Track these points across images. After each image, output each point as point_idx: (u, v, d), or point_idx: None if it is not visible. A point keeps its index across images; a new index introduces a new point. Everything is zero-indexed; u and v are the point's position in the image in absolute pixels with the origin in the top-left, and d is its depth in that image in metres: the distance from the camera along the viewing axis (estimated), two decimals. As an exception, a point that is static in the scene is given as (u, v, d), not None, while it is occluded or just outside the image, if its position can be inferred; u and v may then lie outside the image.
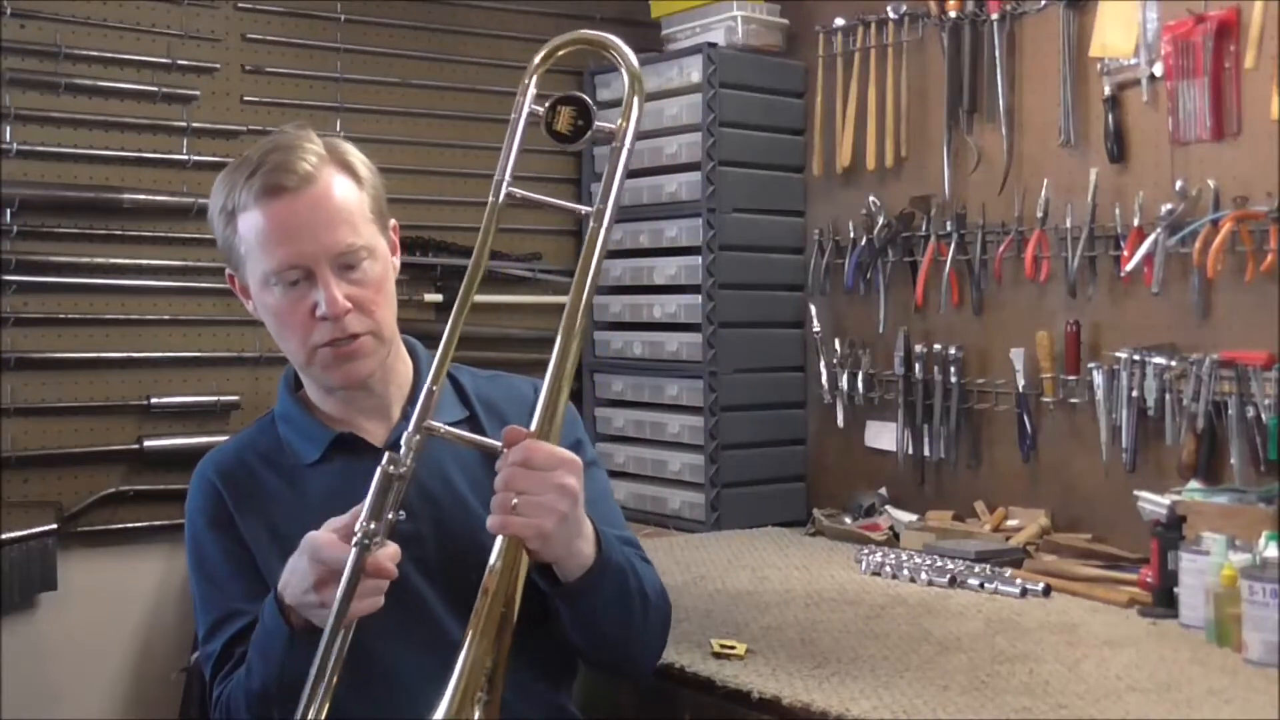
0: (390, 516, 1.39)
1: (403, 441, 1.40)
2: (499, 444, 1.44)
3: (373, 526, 1.35)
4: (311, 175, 1.56)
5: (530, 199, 1.53)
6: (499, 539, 1.41)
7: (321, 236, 1.55)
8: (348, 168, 1.61)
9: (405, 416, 1.65)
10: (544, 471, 1.41)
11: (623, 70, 1.54)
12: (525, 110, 1.51)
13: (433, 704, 1.39)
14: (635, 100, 1.53)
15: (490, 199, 1.48)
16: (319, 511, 1.45)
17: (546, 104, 1.51)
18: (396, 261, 1.67)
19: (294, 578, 1.41)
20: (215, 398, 2.98)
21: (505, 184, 1.49)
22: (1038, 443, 2.72)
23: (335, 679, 1.39)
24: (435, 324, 3.11)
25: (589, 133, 1.51)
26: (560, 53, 1.56)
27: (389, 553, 1.39)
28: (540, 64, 1.54)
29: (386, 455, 1.36)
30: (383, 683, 1.56)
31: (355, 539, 1.35)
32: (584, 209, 1.52)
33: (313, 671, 1.36)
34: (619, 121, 1.53)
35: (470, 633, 1.37)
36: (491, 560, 1.40)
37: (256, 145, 1.60)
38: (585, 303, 1.49)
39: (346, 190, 1.59)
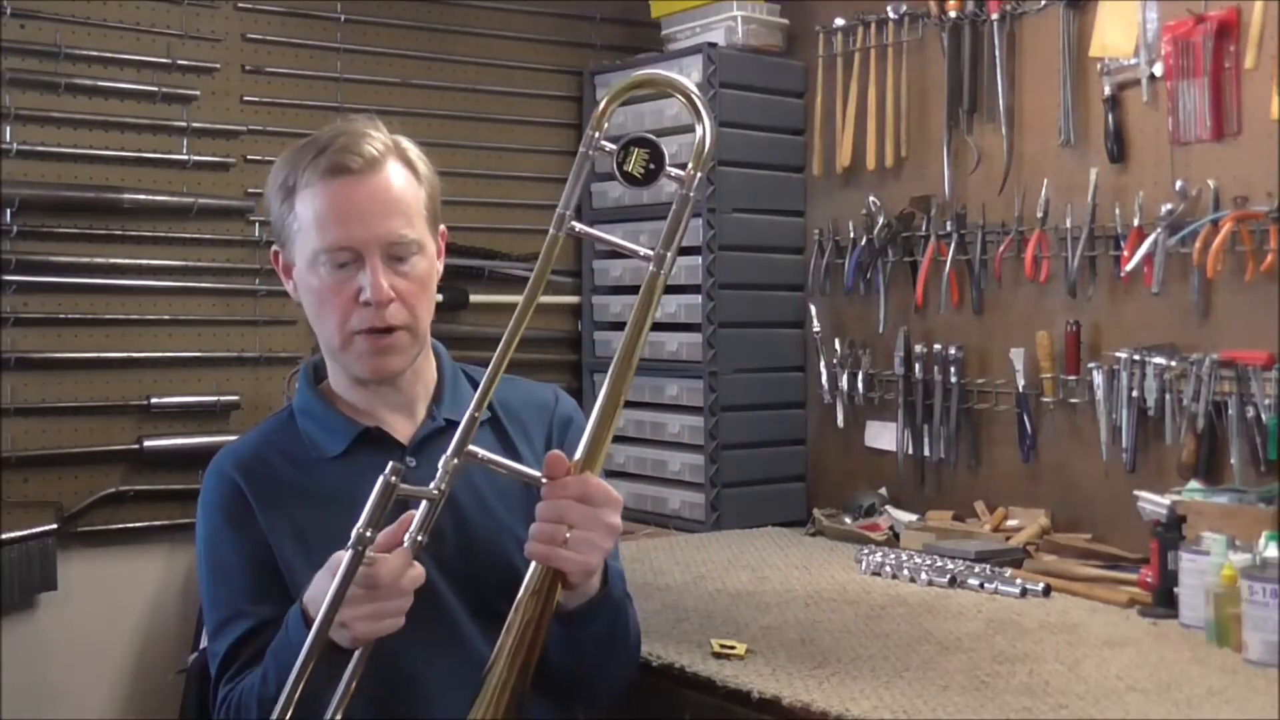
0: (420, 539, 1.39)
1: (440, 465, 1.40)
2: (538, 474, 1.45)
3: (369, 534, 1.33)
4: (377, 161, 1.59)
5: (589, 234, 1.53)
6: (532, 565, 1.42)
7: (377, 223, 1.57)
8: (409, 164, 1.64)
9: (430, 415, 1.67)
10: (597, 508, 1.43)
11: (704, 122, 1.51)
12: (593, 147, 1.49)
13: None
14: (706, 149, 1.51)
15: (551, 231, 1.48)
16: (342, 506, 1.44)
17: (619, 143, 1.49)
18: (440, 266, 1.69)
19: (319, 594, 1.40)
20: (215, 398, 2.98)
21: (568, 217, 1.48)
22: (1038, 443, 2.72)
23: (353, 685, 1.39)
24: (434, 323, 3.11)
25: (659, 176, 1.50)
26: (630, 93, 1.54)
27: (414, 574, 1.38)
28: (613, 101, 1.52)
29: (390, 465, 1.35)
30: (398, 679, 1.56)
31: (350, 541, 1.33)
32: (644, 250, 1.50)
33: (292, 674, 1.34)
34: (689, 167, 1.50)
35: (498, 657, 1.38)
36: (526, 586, 1.42)
37: (324, 129, 1.63)
38: (641, 344, 1.48)
39: (406, 183, 1.61)
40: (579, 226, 1.49)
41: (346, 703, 1.39)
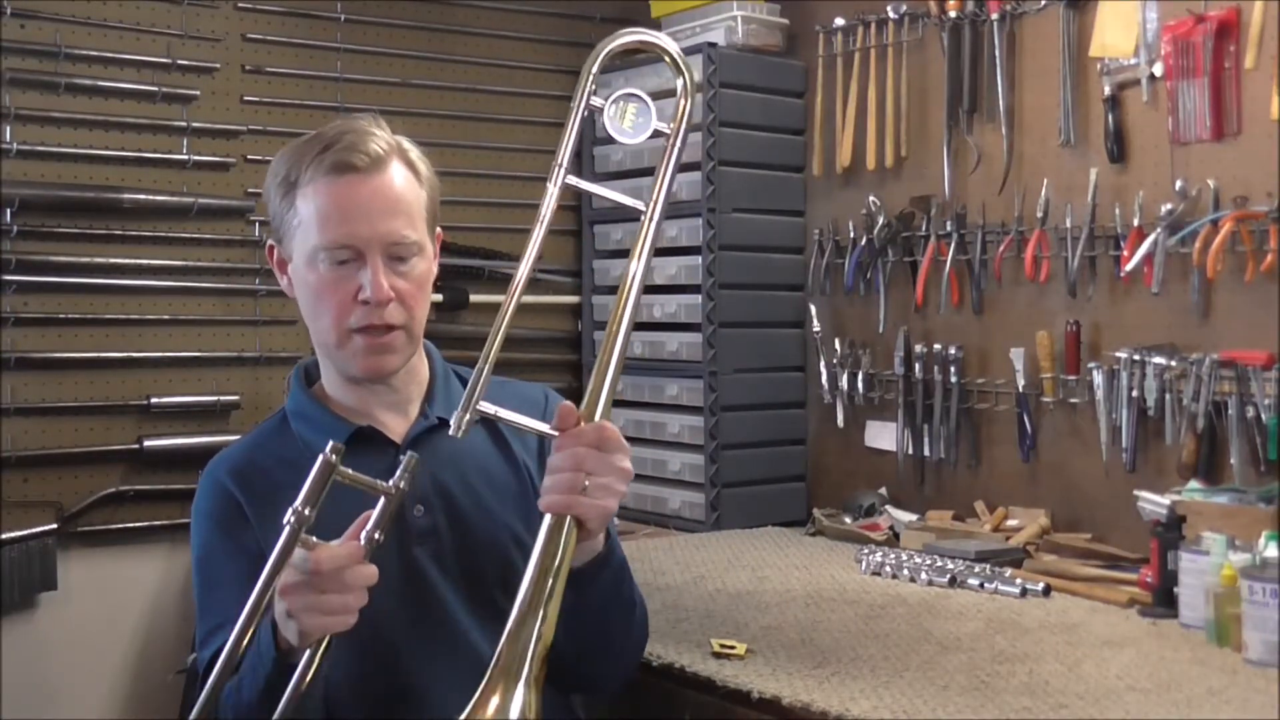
0: (377, 536, 1.37)
1: (402, 462, 1.38)
2: (548, 428, 1.44)
3: (307, 512, 1.31)
4: (381, 160, 1.59)
5: (584, 188, 1.56)
6: (546, 519, 1.40)
7: (380, 222, 1.57)
8: (411, 165, 1.64)
9: (423, 413, 1.67)
10: (611, 454, 1.42)
11: (684, 76, 1.56)
12: (583, 104, 1.51)
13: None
14: (686, 105, 1.55)
15: (549, 186, 1.49)
16: (339, 506, 1.44)
17: (612, 98, 1.52)
18: (434, 268, 1.69)
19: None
20: (215, 398, 2.98)
21: (563, 169, 1.49)
22: (1038, 443, 2.72)
23: (303, 686, 1.37)
24: (434, 324, 3.12)
25: (648, 130, 1.53)
26: (615, 51, 1.56)
27: (364, 571, 1.36)
28: (594, 62, 1.54)
29: (330, 445, 1.34)
30: (397, 678, 1.56)
31: (285, 518, 1.31)
32: (639, 204, 1.53)
33: (228, 645, 1.32)
34: (671, 124, 1.55)
35: (521, 610, 1.35)
36: (543, 542, 1.39)
37: (328, 126, 1.63)
38: (636, 295, 1.49)
39: (409, 184, 1.62)
40: (574, 180, 1.51)
41: (297, 702, 1.37)
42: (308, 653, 1.38)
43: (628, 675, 1.72)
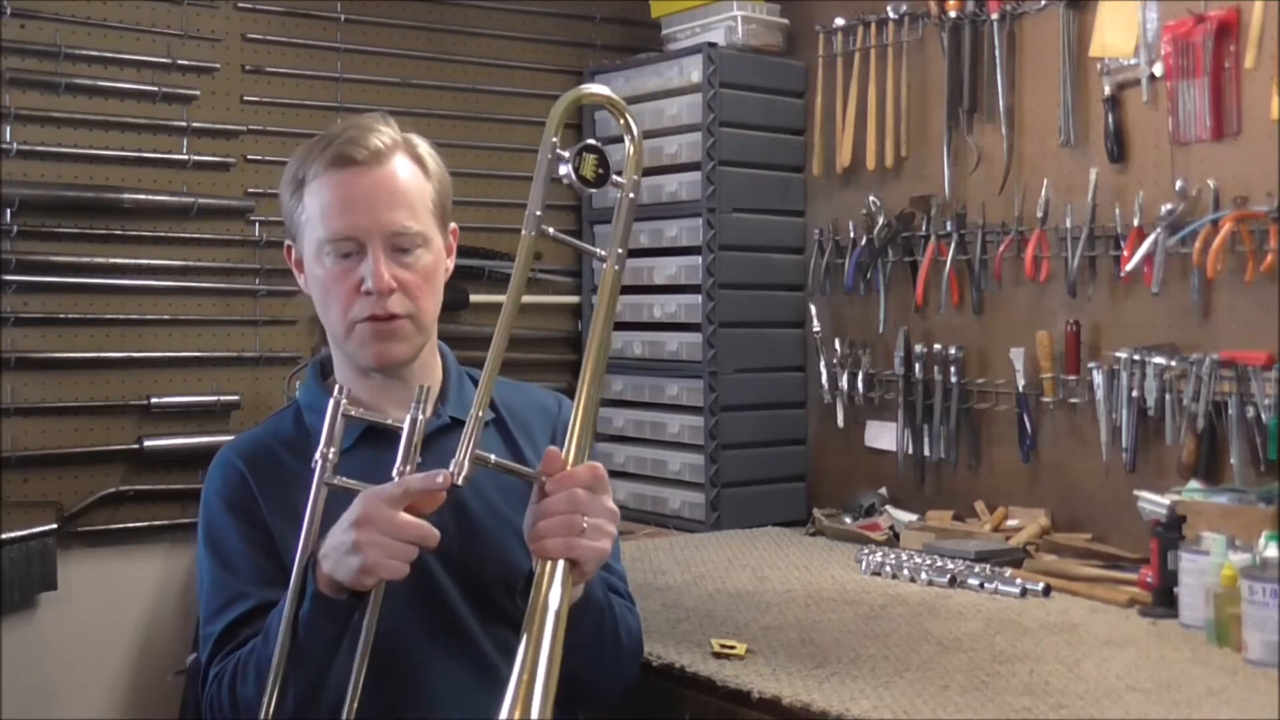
0: (417, 462, 1.44)
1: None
2: (535, 471, 1.46)
3: (331, 453, 1.44)
4: (382, 153, 1.61)
5: (558, 238, 1.58)
6: (546, 565, 1.41)
7: (380, 213, 1.59)
8: (418, 159, 1.66)
9: (436, 413, 1.67)
10: (601, 495, 1.44)
11: (630, 135, 1.59)
12: (548, 157, 1.53)
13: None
14: (636, 159, 1.58)
15: (524, 233, 1.51)
16: (345, 500, 1.44)
17: (573, 150, 1.56)
18: (450, 264, 1.71)
19: (328, 545, 1.43)
20: (215, 398, 2.98)
21: (538, 217, 1.51)
22: (1038, 443, 2.72)
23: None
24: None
25: (608, 179, 1.56)
26: (565, 111, 1.57)
27: (414, 522, 1.41)
28: (558, 120, 1.54)
29: (339, 389, 1.45)
30: (402, 675, 1.56)
31: (313, 461, 1.45)
32: (600, 252, 1.56)
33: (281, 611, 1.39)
34: (625, 176, 1.58)
35: (527, 656, 1.35)
36: (541, 585, 1.40)
37: (336, 124, 1.66)
38: (604, 336, 1.53)
39: (413, 177, 1.64)
40: (550, 230, 1.54)
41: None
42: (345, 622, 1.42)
43: (614, 695, 1.72)
